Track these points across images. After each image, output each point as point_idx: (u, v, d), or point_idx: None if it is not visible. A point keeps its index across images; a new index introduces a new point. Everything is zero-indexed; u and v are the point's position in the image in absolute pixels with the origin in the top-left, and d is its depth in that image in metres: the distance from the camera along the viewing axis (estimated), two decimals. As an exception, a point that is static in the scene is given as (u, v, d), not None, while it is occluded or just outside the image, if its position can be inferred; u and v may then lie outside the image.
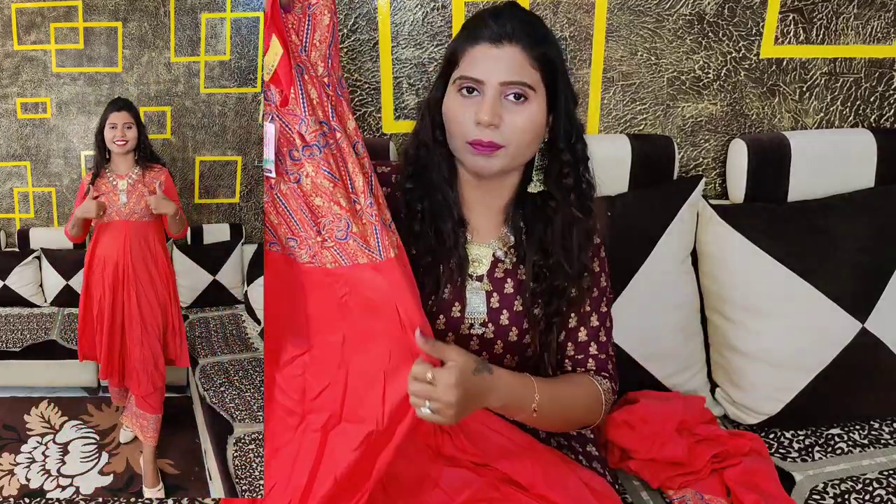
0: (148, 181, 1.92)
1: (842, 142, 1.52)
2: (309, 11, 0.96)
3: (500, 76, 0.96)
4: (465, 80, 0.98)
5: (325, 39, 0.96)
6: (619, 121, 1.55)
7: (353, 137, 0.97)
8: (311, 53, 0.96)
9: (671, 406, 1.29)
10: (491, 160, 0.99)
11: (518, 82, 0.97)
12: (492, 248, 1.09)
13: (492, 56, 0.97)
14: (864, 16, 1.52)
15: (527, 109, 0.98)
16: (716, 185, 1.60)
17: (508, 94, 0.97)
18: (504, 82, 0.96)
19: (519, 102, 0.97)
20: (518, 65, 0.97)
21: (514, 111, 0.97)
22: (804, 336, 1.38)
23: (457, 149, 1.02)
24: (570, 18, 1.47)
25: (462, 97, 0.99)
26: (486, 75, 0.97)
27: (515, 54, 0.97)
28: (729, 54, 1.52)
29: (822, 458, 1.33)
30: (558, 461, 1.03)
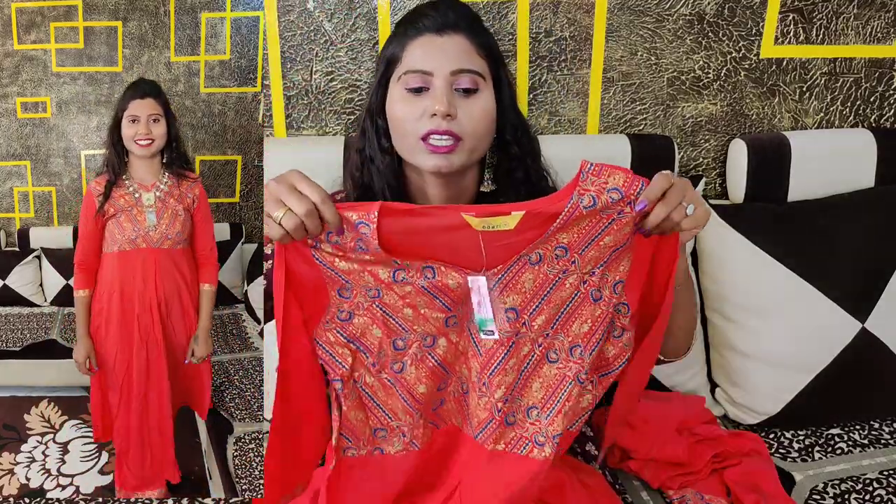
0: (182, 194, 1.51)
1: (842, 142, 1.52)
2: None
3: (450, 65, 0.92)
4: (411, 73, 0.93)
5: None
6: (619, 121, 1.55)
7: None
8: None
9: (671, 406, 1.29)
10: (450, 157, 0.92)
11: (469, 70, 0.92)
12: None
13: (437, 45, 0.93)
14: (864, 16, 1.52)
15: (479, 99, 0.93)
16: (716, 185, 1.60)
17: (458, 86, 0.92)
18: (455, 71, 0.92)
19: (469, 96, 0.93)
20: (466, 52, 0.93)
21: (466, 103, 0.92)
22: (804, 336, 1.38)
23: (409, 150, 0.95)
24: (570, 18, 1.47)
25: (410, 95, 0.93)
26: (435, 65, 0.92)
27: (461, 42, 0.94)
28: (729, 54, 1.52)
29: (823, 458, 1.33)
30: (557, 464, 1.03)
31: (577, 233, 0.83)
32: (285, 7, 1.45)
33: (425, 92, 0.93)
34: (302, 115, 1.51)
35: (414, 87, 0.93)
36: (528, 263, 0.85)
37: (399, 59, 0.96)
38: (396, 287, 0.86)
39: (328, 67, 1.48)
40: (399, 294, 0.86)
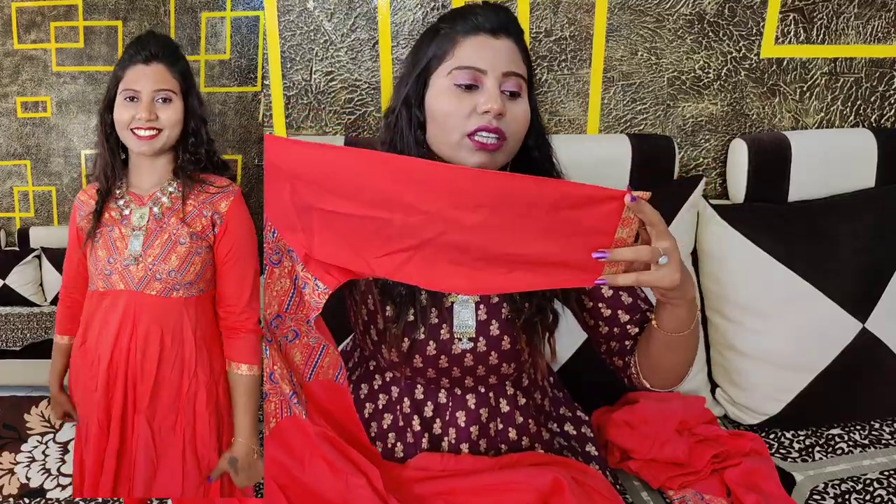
0: (194, 210, 1.00)
1: (842, 142, 1.52)
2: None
3: (502, 66, 0.94)
4: (464, 70, 0.94)
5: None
6: (620, 121, 1.55)
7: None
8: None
9: (671, 406, 1.29)
10: (495, 155, 0.94)
11: (517, 73, 0.95)
12: None
13: (491, 46, 0.95)
14: (865, 16, 1.52)
15: (522, 103, 0.96)
16: (716, 185, 1.60)
17: (505, 88, 0.94)
18: (506, 73, 0.94)
19: (514, 99, 0.95)
20: (515, 57, 0.96)
21: (512, 105, 0.95)
22: (804, 336, 1.38)
23: (452, 145, 0.94)
24: (570, 18, 1.47)
25: (458, 91, 0.94)
26: (489, 65, 0.93)
27: (511, 46, 0.96)
28: (729, 54, 1.52)
29: (823, 458, 1.33)
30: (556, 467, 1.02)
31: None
32: (285, 7, 1.45)
33: (475, 90, 0.94)
34: (302, 114, 1.51)
35: (465, 83, 0.94)
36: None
37: (448, 53, 0.96)
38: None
39: (328, 67, 1.48)
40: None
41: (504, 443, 1.06)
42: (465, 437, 1.04)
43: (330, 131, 1.52)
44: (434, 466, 1.01)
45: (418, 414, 1.05)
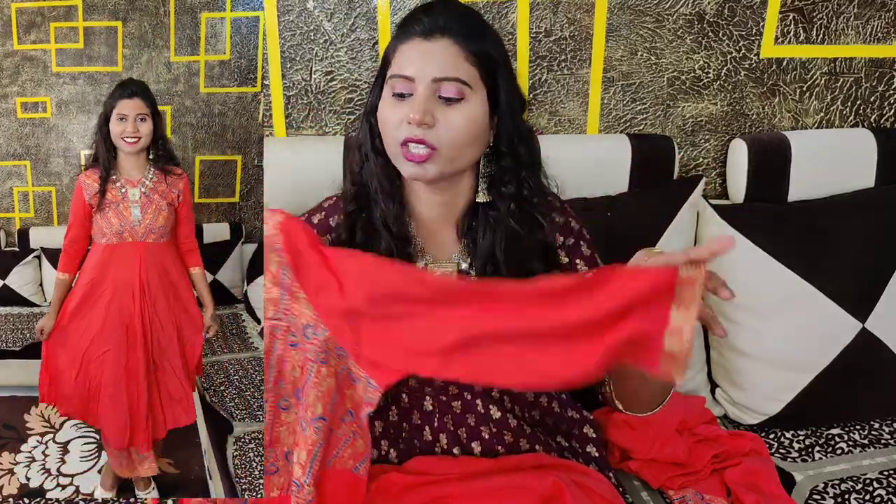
0: (167, 189, 1.56)
1: (842, 142, 1.52)
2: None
3: (432, 72, 0.90)
4: (396, 79, 0.92)
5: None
6: (619, 121, 1.55)
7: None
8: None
9: (671, 406, 1.29)
10: (425, 167, 0.91)
11: (452, 78, 0.90)
12: (454, 264, 1.03)
13: (423, 50, 0.91)
14: (865, 15, 1.52)
15: (463, 109, 0.91)
16: (716, 185, 1.60)
17: (442, 94, 0.91)
18: (436, 78, 0.90)
19: (451, 104, 0.91)
20: (452, 59, 0.91)
21: (447, 112, 0.91)
22: (804, 336, 1.38)
23: (393, 156, 0.95)
24: (570, 18, 1.47)
25: (395, 100, 0.92)
26: (417, 71, 0.91)
27: (448, 47, 0.91)
28: (729, 54, 1.52)
29: (823, 458, 1.33)
30: (555, 470, 1.02)
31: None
32: (285, 7, 1.45)
33: (408, 98, 0.92)
34: (301, 114, 1.51)
35: (398, 91, 0.92)
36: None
37: (390, 61, 0.95)
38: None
39: (328, 67, 1.48)
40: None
41: (500, 445, 1.05)
42: (456, 442, 1.03)
43: (329, 131, 1.52)
44: (431, 469, 1.00)
45: (407, 421, 1.05)
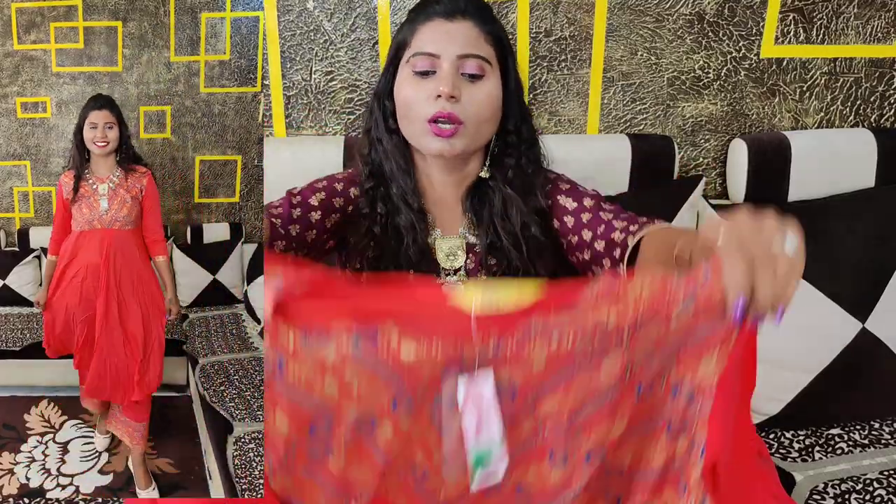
0: (130, 185, 1.82)
1: (842, 142, 1.52)
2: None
3: (456, 49, 0.95)
4: (419, 56, 0.96)
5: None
6: (619, 121, 1.55)
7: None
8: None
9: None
10: (452, 141, 0.95)
11: (475, 55, 0.95)
12: (462, 238, 1.06)
13: (446, 30, 0.96)
14: (865, 15, 1.52)
15: (485, 85, 0.96)
16: (716, 185, 1.60)
17: (464, 71, 0.95)
18: (461, 55, 0.95)
19: (475, 81, 0.96)
20: (474, 38, 0.96)
21: (471, 88, 0.95)
22: (804, 336, 1.38)
23: (415, 133, 0.98)
24: (570, 18, 1.47)
25: (417, 78, 0.96)
26: (442, 49, 0.95)
27: (470, 28, 0.96)
28: (729, 54, 1.52)
29: (823, 458, 1.33)
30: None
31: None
32: (285, 7, 1.45)
33: (432, 75, 0.96)
34: (302, 114, 1.51)
35: (421, 69, 0.96)
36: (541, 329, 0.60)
37: (408, 42, 0.99)
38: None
39: (328, 67, 1.48)
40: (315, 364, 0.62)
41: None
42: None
43: (329, 131, 1.52)
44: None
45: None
